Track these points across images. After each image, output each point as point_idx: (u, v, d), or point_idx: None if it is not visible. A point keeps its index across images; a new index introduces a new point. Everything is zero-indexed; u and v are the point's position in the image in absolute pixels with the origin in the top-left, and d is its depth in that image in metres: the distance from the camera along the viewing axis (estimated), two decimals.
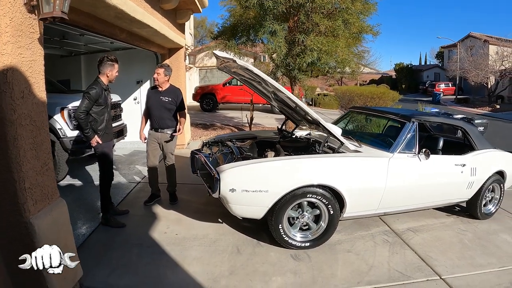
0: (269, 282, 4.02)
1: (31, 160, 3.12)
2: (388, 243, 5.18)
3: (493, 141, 9.08)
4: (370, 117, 7.34)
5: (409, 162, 5.24)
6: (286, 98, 5.03)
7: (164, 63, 6.20)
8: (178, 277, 4.03)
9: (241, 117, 17.43)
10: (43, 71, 3.31)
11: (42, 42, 3.30)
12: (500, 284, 4.25)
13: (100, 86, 4.93)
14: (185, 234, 5.06)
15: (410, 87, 56.91)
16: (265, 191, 4.42)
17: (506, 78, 36.91)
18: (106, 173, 5.22)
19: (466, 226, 5.99)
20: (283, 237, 4.64)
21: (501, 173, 6.42)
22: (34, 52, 3.17)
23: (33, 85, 3.15)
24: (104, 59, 5.01)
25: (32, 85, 3.14)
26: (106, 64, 5.00)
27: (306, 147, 5.95)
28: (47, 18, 3.14)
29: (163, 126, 5.88)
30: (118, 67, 5.18)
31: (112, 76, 5.09)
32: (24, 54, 3.03)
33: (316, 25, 9.96)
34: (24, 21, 3.02)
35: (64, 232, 3.53)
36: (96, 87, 4.85)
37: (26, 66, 3.06)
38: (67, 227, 3.62)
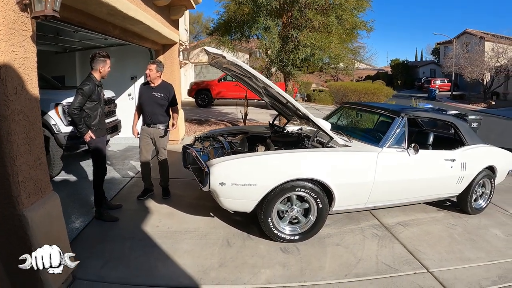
0: (257, 274, 4.08)
1: (24, 155, 3.17)
2: (377, 236, 5.23)
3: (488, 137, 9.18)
4: (361, 112, 7.39)
5: (398, 156, 5.29)
6: (276, 93, 5.08)
7: (156, 59, 6.22)
8: (169, 269, 4.09)
9: (236, 113, 17.47)
10: (35, 68, 3.36)
11: (35, 39, 3.35)
12: (488, 278, 4.30)
13: (93, 82, 4.96)
14: (177, 227, 5.12)
15: (406, 83, 56.96)
16: (254, 184, 4.49)
17: (502, 74, 37.07)
18: (99, 167, 5.26)
19: (456, 220, 6.05)
20: (273, 230, 4.70)
21: (492, 168, 6.46)
22: (27, 50, 3.22)
23: (26, 82, 3.20)
24: (96, 55, 5.03)
25: (25, 82, 3.19)
26: (98, 60, 5.03)
27: (296, 142, 6.01)
28: (39, 16, 3.21)
29: (156, 122, 5.92)
30: (110, 62, 5.22)
31: (105, 71, 5.12)
32: (17, 51, 3.08)
33: (310, 21, 10.03)
34: (16, 19, 3.07)
35: (56, 225, 3.59)
36: (89, 83, 4.89)
37: (19, 63, 3.11)
38: (60, 219, 3.67)
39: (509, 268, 4.59)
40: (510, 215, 6.50)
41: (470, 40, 44.41)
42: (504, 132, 18.34)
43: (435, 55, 62.66)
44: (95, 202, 5.35)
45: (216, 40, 11.57)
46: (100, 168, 5.31)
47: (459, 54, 41.53)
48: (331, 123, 6.33)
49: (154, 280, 3.87)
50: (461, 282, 4.18)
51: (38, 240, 3.17)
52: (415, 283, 4.10)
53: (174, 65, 10.53)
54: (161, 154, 6.12)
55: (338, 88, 16.83)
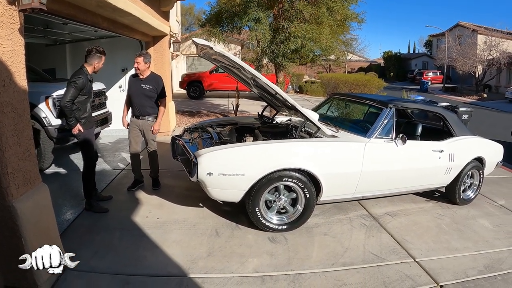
0: (245, 263, 4.13)
1: (13, 146, 3.19)
2: (365, 226, 5.29)
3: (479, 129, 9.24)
4: (350, 103, 7.40)
5: (385, 147, 5.33)
6: (265, 84, 5.10)
7: (142, 51, 6.14)
8: (157, 259, 4.13)
9: (227, 104, 17.47)
10: (24, 60, 3.37)
11: (23, 32, 3.36)
12: (474, 268, 4.34)
13: (85, 76, 4.96)
14: (166, 218, 5.16)
15: (398, 75, 57.08)
16: (242, 174, 4.53)
17: (494, 67, 37.25)
18: (88, 158, 5.27)
19: (445, 211, 6.11)
20: (260, 220, 4.75)
21: (481, 160, 6.51)
22: (15, 42, 3.23)
23: (14, 74, 3.22)
24: (93, 51, 5.04)
25: (13, 74, 3.20)
26: (95, 56, 5.05)
27: (285, 133, 6.05)
28: (27, 9, 3.22)
29: (144, 114, 5.93)
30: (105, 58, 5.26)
31: (98, 67, 5.16)
32: (4, 44, 3.09)
33: (300, 12, 10.03)
34: (4, 13, 3.07)
35: (46, 215, 3.62)
36: (82, 77, 4.88)
37: (7, 56, 3.12)
38: (49, 210, 3.70)
39: (495, 258, 4.64)
40: (498, 206, 6.56)
41: (463, 32, 44.50)
42: (495, 124, 18.43)
43: (427, 47, 62.76)
44: (84, 193, 5.33)
45: (207, 32, 11.55)
46: (90, 159, 5.30)
47: (451, 46, 41.63)
48: (320, 114, 6.34)
49: (143, 270, 3.90)
50: (448, 271, 4.23)
51: (28, 230, 3.21)
52: (402, 272, 4.15)
53: (165, 57, 10.51)
54: (151, 146, 6.12)
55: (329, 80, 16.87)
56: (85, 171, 5.29)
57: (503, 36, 39.63)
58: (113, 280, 3.72)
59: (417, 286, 3.92)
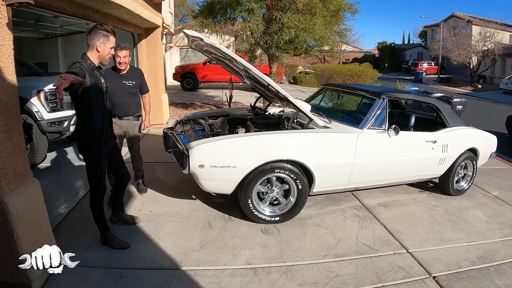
0: (237, 255, 4.14)
1: (3, 142, 3.16)
2: (358, 217, 5.31)
3: (473, 120, 9.26)
4: (343, 94, 7.39)
5: (378, 138, 5.34)
6: (256, 75, 5.07)
7: (123, 43, 5.10)
8: (150, 251, 4.13)
9: (221, 96, 17.44)
10: (12, 55, 3.32)
11: (11, 26, 3.31)
12: (467, 259, 4.37)
13: (86, 64, 3.63)
14: (159, 211, 5.15)
15: (393, 66, 57.16)
16: (233, 166, 4.53)
17: (488, 58, 37.34)
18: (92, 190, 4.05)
19: (438, 202, 6.13)
20: (253, 211, 4.76)
21: (474, 151, 6.53)
22: (3, 37, 3.18)
23: (3, 69, 3.18)
24: (94, 28, 3.64)
25: (2, 69, 3.16)
26: (97, 34, 3.62)
27: (277, 124, 6.04)
28: (14, 3, 3.17)
29: (129, 113, 5.34)
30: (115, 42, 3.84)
31: (105, 52, 3.70)
32: None
33: (294, 3, 10.02)
34: None
35: (38, 210, 3.60)
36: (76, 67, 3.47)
37: None
38: (41, 205, 3.68)
39: (488, 249, 4.67)
40: (492, 197, 6.59)
41: (458, 23, 44.60)
42: (489, 115, 18.48)
43: (422, 38, 62.82)
44: (97, 225, 4.18)
45: (200, 23, 11.49)
46: (93, 191, 4.03)
47: (446, 37, 41.63)
48: (313, 104, 6.36)
49: (136, 263, 3.91)
50: (440, 262, 4.25)
51: (20, 226, 3.19)
52: (394, 263, 4.17)
53: (157, 49, 10.47)
54: (135, 148, 5.55)
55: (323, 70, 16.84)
56: (90, 202, 4.09)
57: (498, 27, 39.71)
58: (106, 273, 3.71)
59: (409, 277, 3.93)
